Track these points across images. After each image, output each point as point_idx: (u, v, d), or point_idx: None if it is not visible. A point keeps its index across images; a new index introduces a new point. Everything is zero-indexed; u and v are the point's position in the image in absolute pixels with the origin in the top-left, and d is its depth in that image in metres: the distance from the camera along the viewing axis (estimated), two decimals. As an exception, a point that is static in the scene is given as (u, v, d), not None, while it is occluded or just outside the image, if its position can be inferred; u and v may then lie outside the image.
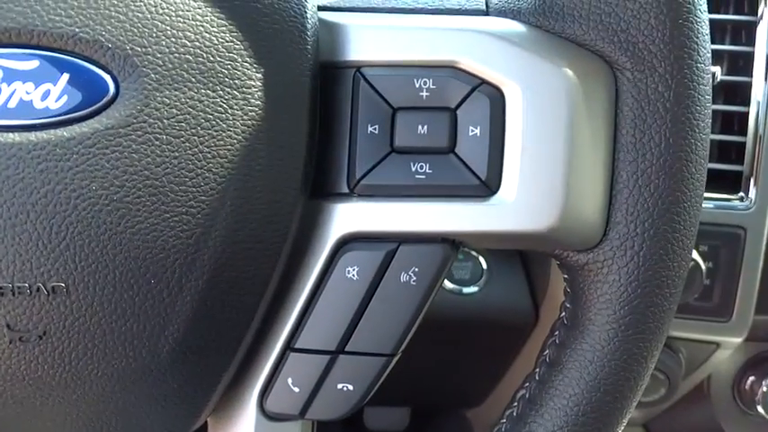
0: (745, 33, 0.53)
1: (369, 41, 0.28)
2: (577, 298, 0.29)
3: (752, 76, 0.51)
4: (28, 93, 0.24)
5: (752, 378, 0.59)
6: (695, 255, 0.51)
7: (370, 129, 0.28)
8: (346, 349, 0.28)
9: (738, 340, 0.54)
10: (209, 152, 0.25)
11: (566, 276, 0.30)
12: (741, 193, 0.52)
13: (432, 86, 0.27)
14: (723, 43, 0.53)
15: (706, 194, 0.53)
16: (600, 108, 0.27)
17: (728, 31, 0.53)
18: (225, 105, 0.26)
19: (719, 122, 0.53)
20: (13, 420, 0.27)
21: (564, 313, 0.30)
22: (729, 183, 0.52)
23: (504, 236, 0.27)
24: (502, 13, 0.29)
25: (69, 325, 0.25)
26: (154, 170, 0.25)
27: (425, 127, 0.27)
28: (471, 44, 0.27)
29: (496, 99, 0.27)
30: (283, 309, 0.29)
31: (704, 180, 0.28)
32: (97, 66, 0.25)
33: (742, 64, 0.52)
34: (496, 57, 0.27)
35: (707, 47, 0.27)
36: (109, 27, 0.24)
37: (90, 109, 0.25)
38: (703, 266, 0.51)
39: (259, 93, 0.26)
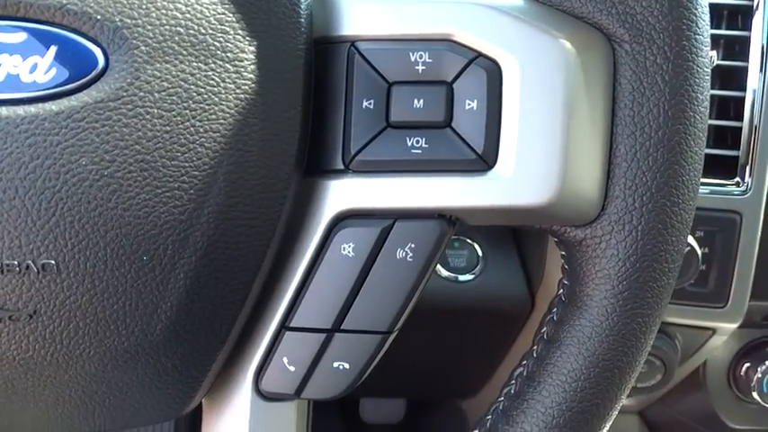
0: (742, 18, 0.52)
1: (363, 15, 0.27)
2: (575, 274, 0.28)
3: (748, 62, 0.51)
4: (15, 66, 0.24)
5: (747, 365, 0.59)
6: (691, 240, 0.51)
7: (365, 104, 0.27)
8: (342, 327, 0.28)
9: (734, 326, 0.54)
10: (201, 126, 0.25)
11: (563, 253, 0.29)
12: (737, 179, 0.52)
13: (427, 60, 0.27)
14: (719, 28, 0.53)
15: (702, 180, 0.53)
16: (598, 81, 0.27)
17: (725, 17, 0.53)
18: (217, 79, 0.25)
19: (716, 107, 0.53)
20: (4, 402, 0.27)
21: (562, 290, 0.29)
22: (726, 168, 0.52)
23: (501, 211, 0.27)
24: None
25: (60, 303, 0.25)
26: (145, 144, 0.24)
27: (421, 101, 0.27)
28: (467, 17, 0.27)
29: (493, 72, 0.26)
30: (278, 287, 0.28)
31: (703, 153, 0.28)
32: (86, 38, 0.24)
33: (738, 49, 0.52)
34: (493, 29, 0.26)
35: (706, 20, 0.27)
36: None
37: (79, 82, 0.24)
38: (699, 252, 0.51)
39: (252, 66, 0.26)
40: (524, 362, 0.30)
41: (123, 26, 0.24)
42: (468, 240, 0.62)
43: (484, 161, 0.27)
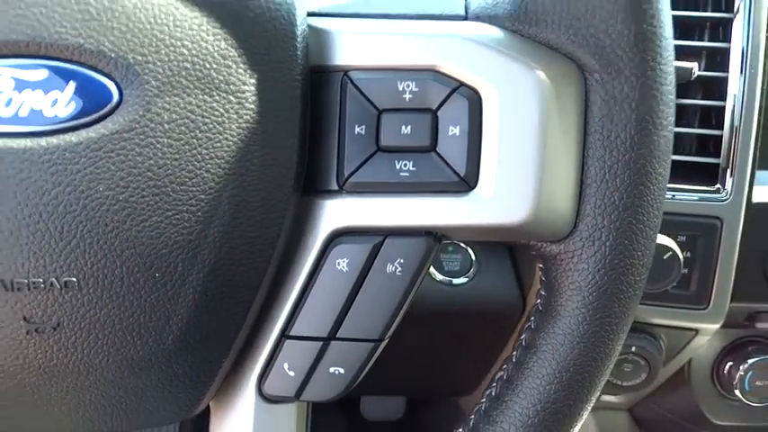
0: (723, 30, 0.55)
1: (355, 47, 0.30)
2: (551, 286, 0.31)
3: (728, 72, 0.53)
4: (38, 101, 0.26)
5: (730, 363, 0.61)
6: (673, 245, 0.53)
7: (357, 129, 0.29)
8: (337, 336, 0.30)
9: (715, 326, 0.57)
10: (207, 154, 0.27)
11: (540, 266, 0.32)
12: (718, 185, 0.54)
13: (414, 89, 0.29)
14: (702, 39, 0.55)
15: (685, 186, 0.55)
16: (570, 108, 0.29)
17: (707, 28, 0.55)
18: (221, 110, 0.27)
19: (698, 117, 0.55)
20: (29, 406, 0.29)
21: (539, 300, 0.32)
22: (707, 175, 0.54)
23: (481, 229, 0.29)
24: (479, 18, 0.31)
25: (81, 316, 0.27)
26: (156, 171, 0.27)
27: (409, 127, 0.29)
28: (450, 49, 0.29)
29: (474, 100, 0.29)
30: (279, 299, 0.31)
31: (667, 174, 0.30)
32: (101, 74, 0.27)
33: (719, 60, 0.54)
34: (473, 60, 0.29)
35: (670, 50, 0.29)
36: (111, 38, 0.26)
37: (95, 115, 0.26)
38: (681, 256, 0.53)
39: (253, 97, 0.28)
40: (504, 366, 0.33)
41: (135, 63, 0.26)
42: (462, 245, 0.64)
43: (466, 183, 0.29)
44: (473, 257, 0.64)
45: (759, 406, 0.61)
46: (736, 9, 0.53)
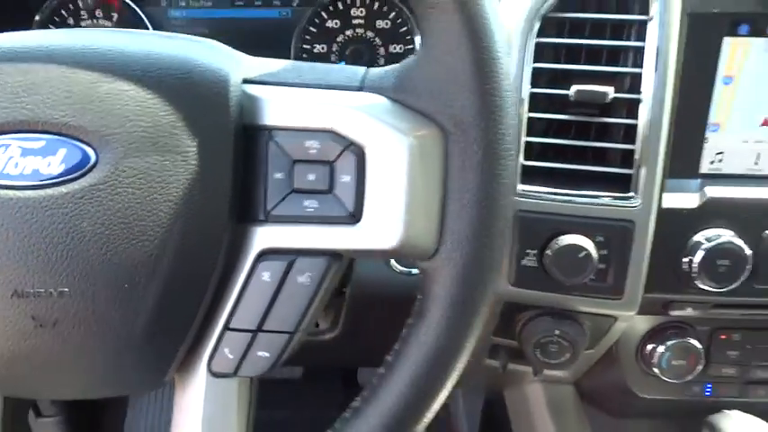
0: (633, 56, 0.61)
1: (277, 112, 0.39)
2: (423, 291, 0.40)
3: (641, 93, 0.61)
4: (37, 163, 0.37)
5: (651, 345, 0.70)
6: (588, 244, 0.61)
7: (277, 175, 0.39)
8: (263, 328, 0.41)
9: (631, 314, 0.65)
10: (161, 198, 0.37)
11: (420, 276, 0.41)
12: (631, 193, 0.62)
13: (317, 146, 0.39)
14: (617, 65, 0.62)
15: (602, 193, 0.63)
16: (433, 162, 0.38)
17: (621, 56, 0.62)
18: (171, 165, 0.37)
19: (621, 133, 0.63)
20: (37, 380, 0.40)
21: (416, 302, 0.41)
22: (622, 184, 0.62)
23: (366, 251, 0.39)
24: (372, 89, 0.40)
25: (73, 316, 0.38)
26: (123, 212, 0.37)
27: (313, 175, 0.39)
28: (344, 116, 0.38)
29: (360, 155, 0.38)
30: (221, 301, 0.41)
31: (508, 210, 0.39)
32: (83, 143, 0.37)
33: (633, 84, 0.61)
34: (359, 126, 0.38)
35: (509, 116, 0.38)
36: (89, 116, 0.36)
37: (79, 172, 0.37)
38: (595, 255, 0.61)
39: (195, 154, 0.38)
40: (391, 353, 0.42)
41: (107, 134, 0.36)
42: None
43: (354, 217, 0.39)
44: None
45: (676, 382, 0.70)
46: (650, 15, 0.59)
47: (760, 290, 0.64)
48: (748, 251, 0.62)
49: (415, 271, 0.74)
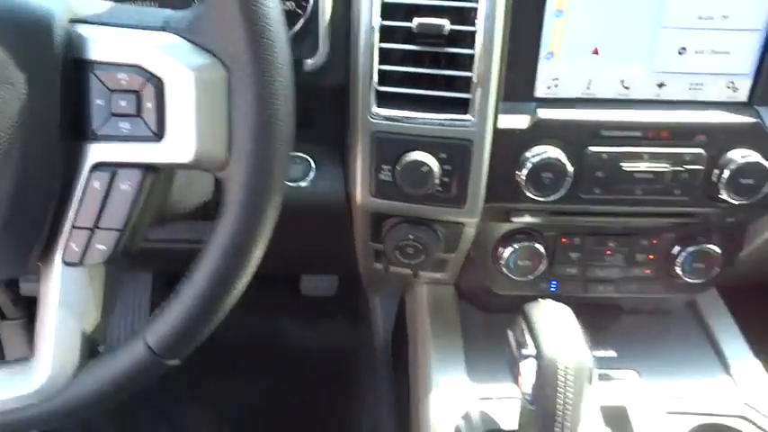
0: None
1: (97, 49, 0.48)
2: (221, 200, 0.50)
3: (475, 26, 0.68)
4: None
5: (501, 248, 0.80)
6: (431, 160, 0.70)
7: (98, 102, 0.49)
8: (98, 226, 0.51)
9: (474, 220, 0.75)
10: (7, 121, 0.47)
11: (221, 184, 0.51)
12: (468, 115, 0.70)
13: (126, 78, 0.48)
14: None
15: (444, 115, 0.72)
16: (218, 91, 0.48)
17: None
18: (6, 96, 0.47)
19: (467, 62, 0.70)
20: None
21: (219, 208, 0.51)
22: (461, 107, 0.70)
23: (169, 164, 0.49)
24: (172, 30, 0.48)
25: None
26: None
27: (125, 102, 0.48)
28: (146, 53, 0.47)
29: (159, 86, 0.47)
30: (67, 205, 0.51)
31: (288, 130, 0.48)
32: None
33: (468, 15, 0.69)
34: (158, 62, 0.47)
35: (282, 53, 0.46)
36: None
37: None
38: (437, 169, 0.70)
39: (24, 85, 0.47)
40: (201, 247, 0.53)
41: None
42: (303, 156, 0.83)
43: (157, 136, 0.48)
44: (313, 166, 0.83)
45: (522, 279, 0.81)
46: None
47: (586, 198, 0.74)
48: (570, 167, 0.71)
49: (303, 184, 0.84)
